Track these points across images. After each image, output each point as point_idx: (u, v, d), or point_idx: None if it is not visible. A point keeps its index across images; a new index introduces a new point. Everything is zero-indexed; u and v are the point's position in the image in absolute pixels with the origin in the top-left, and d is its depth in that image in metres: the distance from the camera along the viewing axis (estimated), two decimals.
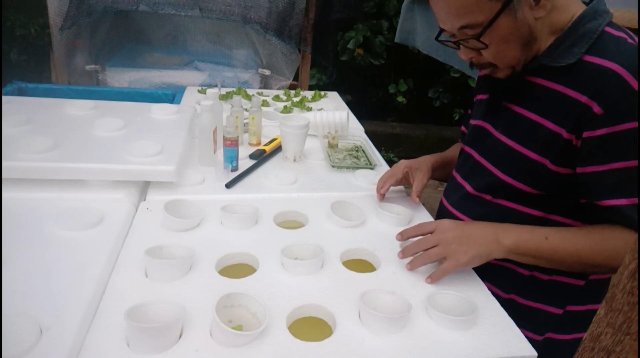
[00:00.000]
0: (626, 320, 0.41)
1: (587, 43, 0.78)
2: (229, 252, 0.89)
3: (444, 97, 3.92)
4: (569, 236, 0.81)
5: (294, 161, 1.34)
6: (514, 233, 0.81)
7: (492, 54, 0.82)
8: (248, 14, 2.20)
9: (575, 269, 0.82)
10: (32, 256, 0.81)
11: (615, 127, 0.75)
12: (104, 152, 1.09)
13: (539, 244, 0.80)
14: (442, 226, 0.84)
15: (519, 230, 0.82)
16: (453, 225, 0.84)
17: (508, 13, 0.76)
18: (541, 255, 0.80)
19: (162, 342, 0.66)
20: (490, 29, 0.77)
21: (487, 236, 0.81)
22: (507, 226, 0.82)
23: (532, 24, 0.79)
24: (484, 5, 0.75)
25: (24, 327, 0.65)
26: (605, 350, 0.44)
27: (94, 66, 2.26)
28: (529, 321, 0.78)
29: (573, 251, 0.79)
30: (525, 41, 0.80)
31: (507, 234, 0.81)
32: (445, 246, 0.81)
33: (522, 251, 0.80)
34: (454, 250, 0.81)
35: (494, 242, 0.80)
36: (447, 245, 0.81)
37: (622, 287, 0.41)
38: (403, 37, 2.29)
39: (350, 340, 0.71)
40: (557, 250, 0.80)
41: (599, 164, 0.78)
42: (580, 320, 0.94)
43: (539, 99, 0.84)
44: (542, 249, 0.80)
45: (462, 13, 0.78)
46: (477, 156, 0.97)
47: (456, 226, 0.83)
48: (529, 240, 0.80)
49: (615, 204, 0.78)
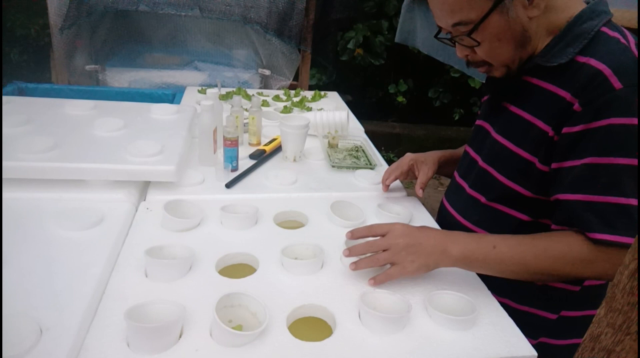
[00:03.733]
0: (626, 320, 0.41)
1: (581, 43, 0.78)
2: (229, 252, 0.89)
3: (444, 97, 3.92)
4: (516, 243, 0.80)
5: (294, 161, 1.34)
6: (462, 243, 0.80)
7: (485, 51, 0.83)
8: (248, 14, 2.20)
9: (523, 277, 0.81)
10: (32, 256, 0.81)
11: (589, 125, 0.75)
12: (104, 152, 1.09)
13: (486, 253, 0.79)
14: (394, 232, 0.82)
15: (467, 239, 0.81)
16: (405, 231, 0.82)
17: (500, 11, 0.77)
18: (488, 265, 0.80)
19: (162, 342, 0.66)
20: (482, 26, 0.78)
21: (436, 246, 0.80)
22: (456, 236, 0.82)
23: (525, 23, 0.79)
24: (476, 2, 0.76)
25: (24, 327, 0.65)
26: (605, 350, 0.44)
27: (94, 66, 2.26)
28: (523, 325, 0.77)
29: (520, 259, 0.78)
30: (518, 40, 0.81)
31: (455, 245, 0.80)
32: (394, 253, 0.80)
33: (469, 261, 0.80)
34: (402, 258, 0.80)
35: (442, 253, 0.79)
36: (397, 251, 0.80)
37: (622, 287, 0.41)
38: (403, 37, 2.29)
39: (350, 340, 0.71)
40: (504, 259, 0.79)
41: (570, 160, 0.78)
42: (575, 326, 0.94)
43: (533, 99, 0.84)
44: (489, 258, 0.79)
45: (455, 10, 0.79)
46: (474, 155, 0.98)
47: (408, 233, 0.81)
48: (476, 249, 0.79)
49: (567, 199, 0.77)
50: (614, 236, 0.73)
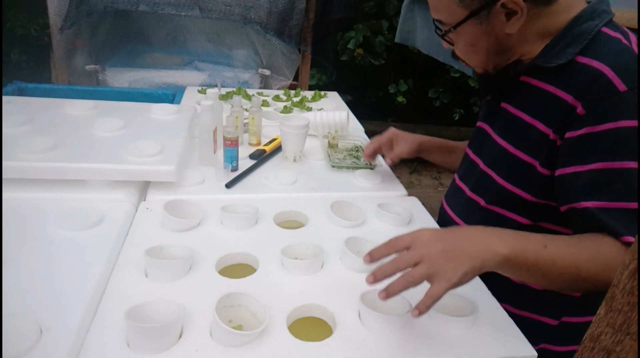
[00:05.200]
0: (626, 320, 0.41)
1: (581, 44, 0.77)
2: (229, 252, 0.89)
3: (444, 97, 3.92)
4: (565, 244, 0.70)
5: (294, 161, 1.34)
6: (509, 240, 0.67)
7: (460, 52, 0.87)
8: (248, 14, 2.20)
9: (569, 285, 0.72)
10: (32, 256, 0.81)
11: (595, 128, 0.73)
12: (104, 152, 1.09)
13: (537, 253, 0.67)
14: (421, 239, 0.67)
15: (513, 235, 0.69)
16: (435, 235, 0.68)
17: (475, 21, 0.79)
18: (539, 268, 0.68)
19: (162, 342, 0.66)
20: (457, 31, 0.81)
21: (479, 245, 0.66)
22: (499, 232, 0.69)
23: (501, 36, 0.80)
24: (454, 9, 0.79)
25: (24, 327, 0.65)
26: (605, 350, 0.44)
27: (94, 66, 2.26)
28: (524, 331, 0.74)
29: (572, 262, 0.68)
30: (492, 49, 0.82)
31: (501, 242, 0.67)
32: (429, 264, 0.64)
33: (519, 261, 0.67)
34: (441, 268, 0.64)
35: (488, 252, 0.66)
36: (432, 262, 0.64)
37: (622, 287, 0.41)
38: (403, 37, 2.29)
39: (350, 340, 0.71)
40: (555, 260, 0.68)
41: (576, 165, 0.75)
42: (576, 332, 0.91)
43: (532, 100, 0.84)
44: (541, 259, 0.67)
45: (436, 8, 0.83)
46: (474, 157, 0.98)
47: (439, 237, 0.67)
48: (526, 247, 0.67)
49: (585, 207, 0.73)
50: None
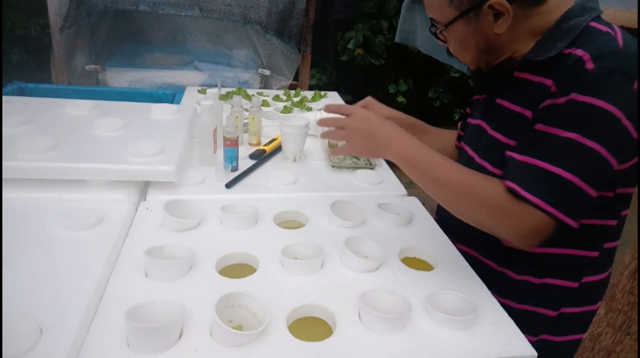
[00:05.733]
0: (626, 320, 0.42)
1: (570, 37, 0.79)
2: (229, 252, 0.89)
3: (444, 97, 3.92)
4: (450, 165, 0.83)
5: (294, 161, 1.34)
6: (406, 144, 0.86)
7: (452, 49, 0.90)
8: (248, 14, 2.20)
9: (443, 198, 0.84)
10: (32, 256, 0.81)
11: (555, 100, 0.76)
12: (104, 152, 1.09)
13: (420, 161, 0.84)
14: (356, 116, 0.91)
15: (414, 143, 0.86)
16: (366, 117, 0.90)
17: (464, 22, 0.83)
18: (418, 173, 0.84)
19: (162, 342, 0.66)
20: (448, 29, 0.86)
21: (384, 138, 0.87)
22: (405, 137, 0.87)
23: (490, 35, 0.83)
24: (445, 8, 0.83)
25: (24, 327, 0.65)
26: (605, 350, 0.44)
27: (94, 66, 2.26)
28: (524, 323, 0.78)
29: (446, 180, 0.82)
30: (482, 48, 0.86)
31: (399, 143, 0.86)
32: (349, 133, 0.90)
33: (405, 162, 0.85)
34: (354, 139, 0.90)
35: (386, 146, 0.86)
36: (352, 132, 0.90)
37: (622, 287, 0.41)
38: (403, 37, 2.29)
39: (350, 340, 0.71)
40: (431, 173, 0.83)
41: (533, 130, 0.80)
42: (575, 322, 0.94)
43: (524, 93, 0.86)
44: (421, 167, 0.84)
45: (430, 7, 0.87)
46: (472, 153, 0.99)
47: (367, 120, 0.89)
48: (414, 154, 0.85)
49: (512, 157, 0.79)
50: (523, 191, 0.74)
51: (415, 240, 1.00)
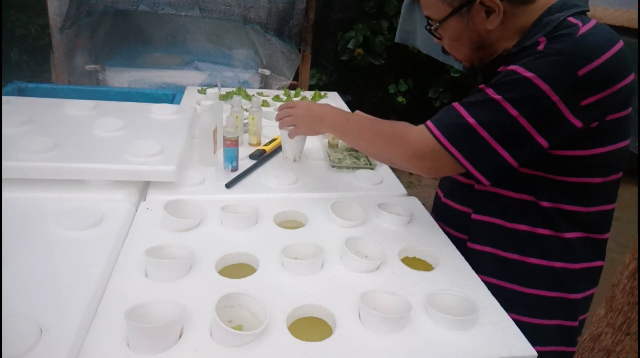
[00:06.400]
0: (626, 320, 0.42)
1: (546, 30, 0.82)
2: (229, 252, 0.89)
3: (444, 97, 3.91)
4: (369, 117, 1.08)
5: (294, 161, 1.34)
6: (335, 115, 1.06)
7: (446, 46, 0.95)
8: (248, 14, 2.20)
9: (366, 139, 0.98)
10: (32, 256, 0.81)
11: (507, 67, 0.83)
12: (104, 152, 1.09)
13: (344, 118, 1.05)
14: (297, 106, 1.13)
15: (342, 114, 1.06)
16: (305, 105, 1.12)
17: (457, 18, 0.87)
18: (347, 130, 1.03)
19: (162, 342, 0.66)
20: (442, 26, 0.90)
21: (318, 115, 1.08)
22: (335, 113, 1.07)
23: (482, 32, 0.87)
24: (439, 6, 0.88)
25: (24, 327, 0.65)
26: (605, 350, 0.44)
27: (94, 66, 2.26)
28: (533, 309, 0.84)
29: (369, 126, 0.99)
30: (475, 44, 0.90)
31: (330, 118, 1.06)
32: (294, 119, 1.12)
33: (335, 131, 1.06)
34: (298, 122, 1.12)
35: (320, 120, 1.08)
36: (296, 118, 1.12)
37: (622, 287, 0.41)
38: (403, 37, 2.29)
39: (350, 340, 0.71)
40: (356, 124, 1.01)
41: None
42: (580, 306, 0.95)
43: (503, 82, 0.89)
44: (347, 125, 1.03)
45: (425, 5, 0.92)
46: None
47: (306, 106, 1.12)
48: (341, 123, 1.05)
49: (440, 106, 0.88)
50: (434, 128, 0.85)
51: (415, 240, 1.00)
